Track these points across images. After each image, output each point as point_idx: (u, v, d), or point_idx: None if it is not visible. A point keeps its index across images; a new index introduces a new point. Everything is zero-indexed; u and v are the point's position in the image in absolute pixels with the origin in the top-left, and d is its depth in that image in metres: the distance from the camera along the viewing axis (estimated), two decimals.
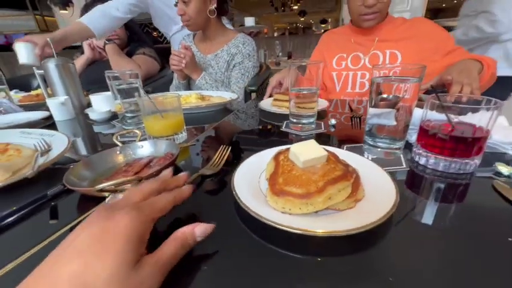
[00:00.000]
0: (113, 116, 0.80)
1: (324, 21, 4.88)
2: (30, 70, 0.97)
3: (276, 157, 0.34)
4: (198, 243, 0.24)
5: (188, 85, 1.22)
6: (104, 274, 0.17)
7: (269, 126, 0.61)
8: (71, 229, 0.30)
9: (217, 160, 0.44)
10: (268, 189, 0.30)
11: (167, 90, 1.30)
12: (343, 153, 0.39)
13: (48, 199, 0.35)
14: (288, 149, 0.34)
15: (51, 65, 0.84)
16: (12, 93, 1.16)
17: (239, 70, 1.13)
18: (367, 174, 0.34)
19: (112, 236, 0.19)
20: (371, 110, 0.42)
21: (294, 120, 0.60)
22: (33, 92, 1.20)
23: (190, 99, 0.88)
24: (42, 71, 0.86)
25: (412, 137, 0.47)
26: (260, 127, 0.66)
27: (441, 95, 0.40)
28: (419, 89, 0.39)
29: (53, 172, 0.43)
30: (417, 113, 0.42)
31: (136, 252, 0.19)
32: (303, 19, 4.86)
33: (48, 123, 0.78)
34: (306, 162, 0.30)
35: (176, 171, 0.39)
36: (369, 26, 0.91)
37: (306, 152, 0.31)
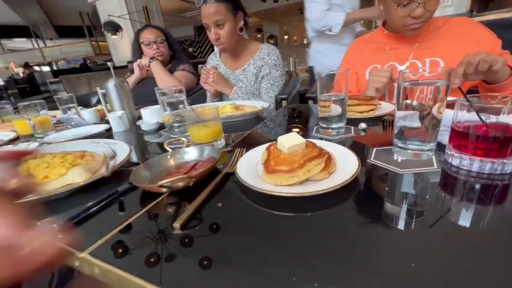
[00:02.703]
0: (160, 127, 0.91)
1: None
2: (88, 90, 1.13)
3: (268, 148, 0.45)
4: None
5: (221, 101, 1.31)
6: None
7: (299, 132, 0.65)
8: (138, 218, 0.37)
9: (234, 161, 0.50)
10: (264, 170, 0.41)
11: (204, 101, 1.41)
12: (321, 142, 0.50)
13: (118, 195, 0.44)
14: (276, 142, 0.45)
15: (111, 85, 0.99)
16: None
17: (268, 81, 1.18)
18: (341, 156, 0.45)
19: None
20: (398, 113, 0.44)
21: (324, 125, 0.63)
22: (96, 108, 1.40)
23: (225, 109, 0.96)
24: (103, 90, 1.01)
25: (444, 138, 0.47)
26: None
27: (472, 96, 0.40)
28: (448, 90, 0.40)
29: (120, 173, 0.52)
30: (448, 114, 0.42)
31: None
32: None
33: (108, 134, 0.91)
34: (290, 148, 0.41)
35: (216, 172, 0.46)
36: (415, 34, 0.86)
37: (290, 141, 0.41)
